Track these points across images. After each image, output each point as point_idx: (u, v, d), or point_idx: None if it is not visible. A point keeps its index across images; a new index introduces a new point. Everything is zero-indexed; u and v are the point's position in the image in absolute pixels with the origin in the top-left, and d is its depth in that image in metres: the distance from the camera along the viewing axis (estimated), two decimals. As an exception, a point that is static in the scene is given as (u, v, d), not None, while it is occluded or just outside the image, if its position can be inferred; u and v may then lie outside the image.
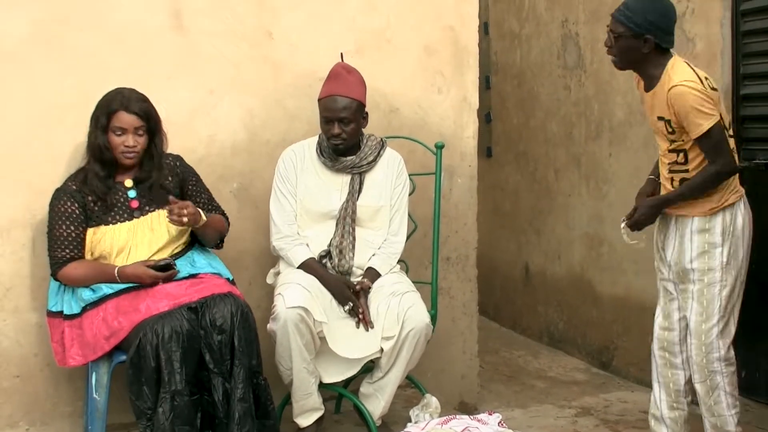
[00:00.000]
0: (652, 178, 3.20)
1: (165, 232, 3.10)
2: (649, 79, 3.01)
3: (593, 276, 4.69)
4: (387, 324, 3.13)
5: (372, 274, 3.28)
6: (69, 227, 3.00)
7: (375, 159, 3.36)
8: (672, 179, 3.05)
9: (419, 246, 3.69)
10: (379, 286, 3.25)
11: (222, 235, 3.29)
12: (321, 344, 3.11)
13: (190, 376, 2.84)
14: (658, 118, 3.00)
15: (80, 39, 3.24)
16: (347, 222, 3.29)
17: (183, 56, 3.39)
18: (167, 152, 3.21)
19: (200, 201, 3.27)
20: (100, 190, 3.04)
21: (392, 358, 3.15)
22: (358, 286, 3.21)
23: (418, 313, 3.13)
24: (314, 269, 3.23)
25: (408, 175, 3.44)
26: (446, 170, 3.72)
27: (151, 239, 3.07)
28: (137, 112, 3.04)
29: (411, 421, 3.25)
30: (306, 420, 3.22)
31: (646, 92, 3.05)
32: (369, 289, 3.23)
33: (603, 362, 4.61)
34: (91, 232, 3.04)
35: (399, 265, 3.41)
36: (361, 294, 3.20)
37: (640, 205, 3.12)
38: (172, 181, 3.18)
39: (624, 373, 4.41)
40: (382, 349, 3.13)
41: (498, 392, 4.23)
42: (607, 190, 4.51)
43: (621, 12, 2.96)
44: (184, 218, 3.00)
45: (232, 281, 3.18)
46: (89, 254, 3.05)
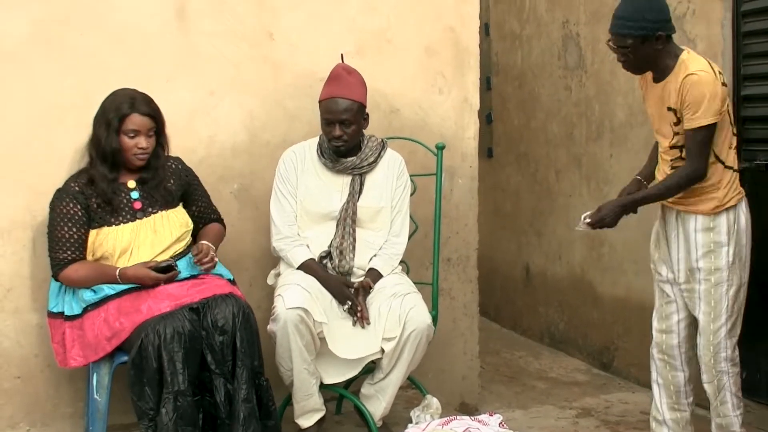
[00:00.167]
0: (638, 178, 3.17)
1: (168, 233, 3.10)
2: (661, 71, 2.96)
3: (594, 277, 4.69)
4: (388, 325, 3.13)
5: (374, 275, 3.27)
6: (71, 229, 3.00)
7: (376, 160, 3.35)
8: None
9: (420, 247, 3.69)
10: (381, 287, 3.25)
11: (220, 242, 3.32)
12: (321, 345, 3.11)
13: (192, 376, 2.84)
14: (668, 109, 2.95)
15: (80, 39, 3.23)
16: (348, 223, 3.29)
17: (183, 57, 3.39)
18: (167, 154, 3.20)
19: (200, 205, 3.28)
20: (108, 192, 3.03)
21: (393, 360, 3.15)
22: (358, 284, 3.21)
23: (420, 315, 3.13)
24: (314, 270, 3.23)
25: (409, 176, 3.44)
26: (447, 171, 3.72)
27: (154, 240, 3.07)
28: (149, 114, 3.05)
29: (412, 422, 3.25)
30: (307, 421, 3.22)
31: (655, 83, 2.99)
32: (370, 289, 3.23)
33: (604, 363, 4.61)
34: (93, 233, 3.03)
35: (400, 266, 3.41)
36: (360, 292, 3.20)
37: (605, 204, 3.05)
38: (174, 184, 3.18)
39: (625, 374, 4.41)
40: (382, 349, 3.13)
41: (499, 393, 4.23)
42: (608, 191, 4.51)
43: (620, 25, 2.88)
44: (214, 260, 3.08)
45: (233, 282, 3.18)
46: (91, 255, 3.04)
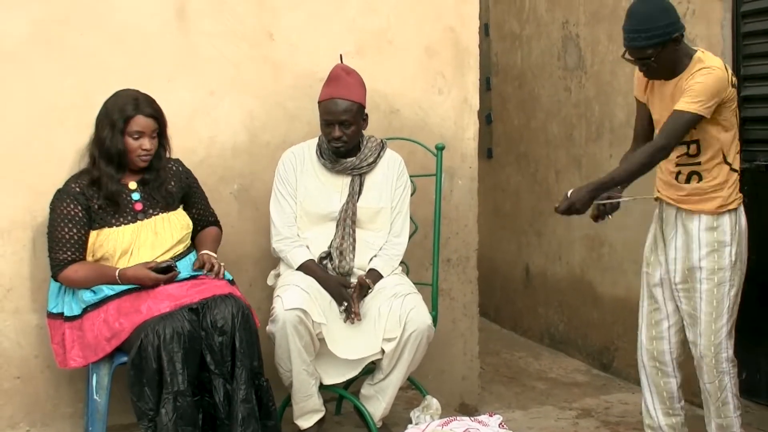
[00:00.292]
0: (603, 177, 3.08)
1: (168, 234, 3.10)
2: (673, 71, 2.94)
3: (594, 277, 4.69)
4: (389, 326, 3.13)
5: (374, 276, 3.27)
6: (71, 229, 2.99)
7: (375, 160, 3.35)
8: (679, 173, 3.01)
9: (420, 247, 3.69)
10: (381, 287, 3.24)
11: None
12: (321, 346, 3.11)
13: (191, 377, 2.84)
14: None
15: (80, 39, 3.23)
16: (347, 224, 3.29)
17: (183, 57, 3.39)
18: (168, 156, 3.20)
19: (199, 208, 3.29)
20: (114, 192, 3.03)
21: (394, 360, 3.14)
22: (357, 281, 3.20)
23: (420, 315, 3.13)
24: (313, 271, 3.23)
25: (409, 177, 3.44)
26: (447, 171, 3.72)
27: (154, 242, 3.07)
28: (153, 115, 3.05)
29: (412, 423, 3.25)
30: (307, 422, 3.22)
31: (667, 80, 2.96)
32: (369, 289, 3.22)
33: (604, 364, 4.61)
34: (94, 234, 3.03)
35: (400, 267, 3.40)
36: (357, 290, 3.18)
37: (574, 191, 3.00)
38: (175, 186, 3.18)
39: (625, 375, 4.41)
40: (383, 350, 3.13)
41: (498, 394, 4.23)
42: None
43: (635, 38, 2.84)
44: (220, 271, 3.09)
45: (232, 282, 3.17)
46: (91, 256, 3.04)
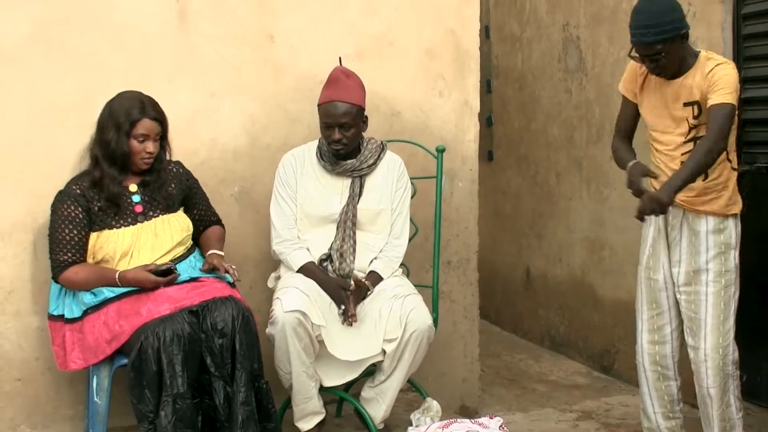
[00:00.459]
0: (637, 161, 3.01)
1: (169, 236, 3.10)
2: (679, 69, 2.93)
3: (594, 279, 4.69)
4: (389, 327, 3.12)
5: (374, 278, 3.27)
6: (71, 231, 2.99)
7: (375, 162, 3.35)
8: None
9: (420, 250, 3.69)
10: (381, 289, 3.24)
11: None
12: (321, 348, 3.11)
13: (191, 379, 2.84)
14: (685, 105, 2.94)
15: (81, 40, 3.24)
16: (348, 225, 3.29)
17: (184, 59, 3.39)
18: (169, 158, 3.20)
19: (200, 209, 3.29)
20: (115, 194, 3.03)
21: (395, 361, 3.14)
22: (354, 283, 3.19)
23: (421, 316, 3.13)
24: (313, 273, 3.23)
25: (409, 179, 3.44)
26: (447, 174, 3.72)
27: (155, 244, 3.07)
28: (158, 118, 3.05)
29: (412, 425, 3.25)
30: (307, 424, 3.22)
31: (671, 79, 2.95)
32: (368, 290, 3.22)
33: (604, 366, 4.61)
34: (94, 236, 3.03)
35: (400, 269, 3.41)
36: (354, 291, 3.17)
37: (651, 195, 2.85)
38: (175, 188, 3.18)
39: (625, 377, 4.40)
40: (384, 351, 3.13)
41: (499, 396, 4.23)
42: (608, 194, 4.51)
43: (646, 33, 2.83)
44: (234, 273, 3.10)
45: (233, 285, 3.17)
46: (91, 258, 3.05)
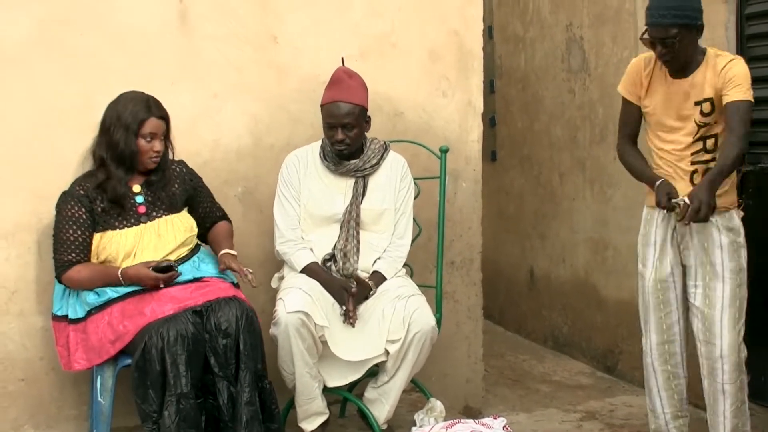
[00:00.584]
0: (664, 180, 2.98)
1: (172, 237, 3.10)
2: (687, 65, 2.92)
3: (598, 280, 4.68)
4: (393, 327, 3.12)
5: (378, 278, 3.28)
6: (75, 231, 3.00)
7: (378, 162, 3.36)
8: (695, 171, 2.97)
9: (424, 250, 3.68)
10: (385, 289, 3.25)
11: None
12: (324, 348, 3.11)
13: (195, 379, 2.84)
14: (696, 103, 2.92)
15: (82, 42, 3.24)
16: (351, 225, 3.29)
17: (187, 60, 3.40)
18: (172, 157, 3.21)
19: (205, 206, 3.29)
20: (121, 195, 3.03)
21: (398, 362, 3.14)
22: (356, 282, 3.19)
23: (424, 316, 3.13)
24: (316, 273, 3.24)
25: (412, 179, 3.44)
26: (451, 174, 3.72)
27: (158, 244, 3.07)
28: (163, 117, 3.07)
29: (416, 425, 3.25)
30: (310, 425, 3.22)
31: (676, 78, 2.94)
32: (370, 289, 3.22)
33: (608, 366, 4.60)
34: (98, 236, 3.04)
35: (404, 269, 3.41)
36: (355, 291, 3.17)
37: (701, 195, 2.81)
38: (179, 188, 3.19)
39: (629, 378, 4.40)
40: (387, 351, 3.13)
41: (503, 396, 4.23)
42: (611, 194, 4.51)
43: (666, 14, 2.79)
44: (250, 276, 3.07)
45: (236, 285, 3.18)
46: (95, 258, 3.05)
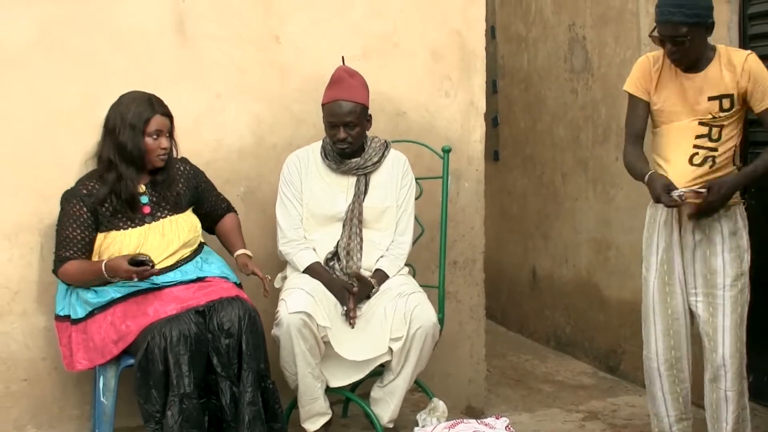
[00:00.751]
0: (654, 172, 2.99)
1: (176, 237, 3.10)
2: (697, 62, 2.89)
3: (600, 280, 4.68)
4: (395, 325, 3.12)
5: (380, 276, 3.28)
6: (75, 230, 3.01)
7: (380, 160, 3.36)
8: (695, 154, 2.91)
9: (426, 250, 3.69)
10: (387, 288, 3.25)
11: None
12: (327, 348, 3.11)
13: (198, 379, 2.84)
14: (710, 98, 2.88)
15: (84, 43, 3.24)
16: (354, 223, 3.29)
17: (189, 60, 3.40)
18: (176, 155, 3.21)
19: (211, 201, 3.31)
20: (133, 195, 3.03)
21: (401, 359, 3.13)
22: (357, 279, 3.20)
23: (425, 312, 3.12)
24: (319, 273, 3.24)
25: (415, 178, 3.44)
26: (453, 174, 3.72)
27: (161, 244, 3.07)
28: (167, 114, 3.07)
29: (418, 425, 3.25)
30: (313, 425, 3.22)
31: (688, 71, 2.91)
32: (372, 287, 3.22)
33: (610, 366, 4.60)
34: (101, 236, 3.04)
35: (406, 269, 3.41)
36: (356, 291, 3.17)
37: (722, 191, 2.84)
38: (183, 187, 3.19)
39: (632, 378, 4.40)
40: (390, 350, 3.13)
41: (505, 396, 4.23)
42: (614, 194, 4.50)
43: (676, 12, 2.76)
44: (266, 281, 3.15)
45: (239, 285, 3.18)
46: (97, 257, 3.05)
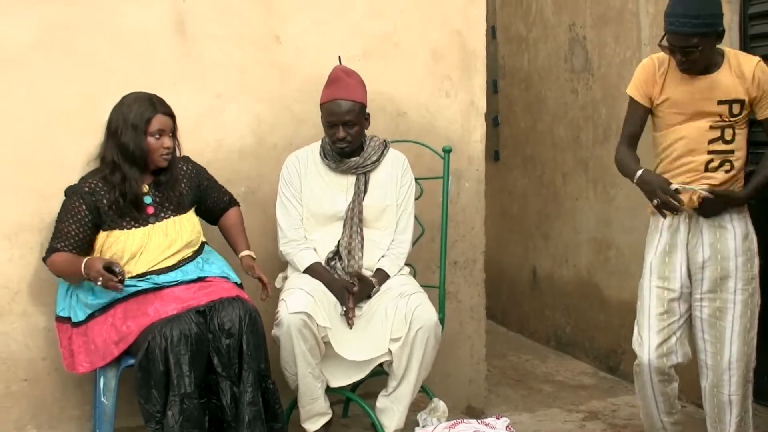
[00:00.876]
0: (646, 169, 2.94)
1: (179, 237, 3.10)
2: (705, 67, 2.88)
3: (601, 280, 4.68)
4: (395, 326, 3.12)
5: (381, 276, 3.28)
6: (71, 225, 3.01)
7: (379, 159, 3.36)
8: (711, 160, 2.90)
9: (427, 250, 3.69)
10: (387, 288, 3.25)
11: None
12: (327, 348, 3.11)
13: (198, 379, 2.84)
14: (719, 102, 2.87)
15: (85, 44, 3.24)
16: (354, 222, 3.29)
17: (190, 60, 3.40)
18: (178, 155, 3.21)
19: (214, 196, 3.32)
20: (139, 195, 3.04)
21: (403, 362, 3.12)
22: (357, 277, 3.19)
23: (426, 312, 3.11)
24: (319, 273, 3.24)
25: (415, 178, 3.44)
26: (454, 174, 3.72)
27: (164, 244, 3.07)
28: (169, 113, 3.08)
29: (419, 425, 3.25)
30: (313, 425, 3.22)
31: (703, 74, 2.88)
32: (372, 286, 3.22)
33: (610, 366, 4.60)
34: (104, 235, 3.04)
35: (407, 269, 3.41)
36: (356, 291, 3.17)
37: (728, 198, 2.87)
38: (186, 186, 3.19)
39: (632, 378, 4.36)
40: (390, 350, 3.12)
41: (505, 396, 4.23)
42: (614, 194, 4.51)
43: (686, 23, 2.73)
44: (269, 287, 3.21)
45: (240, 285, 3.18)
46: (98, 255, 3.04)
